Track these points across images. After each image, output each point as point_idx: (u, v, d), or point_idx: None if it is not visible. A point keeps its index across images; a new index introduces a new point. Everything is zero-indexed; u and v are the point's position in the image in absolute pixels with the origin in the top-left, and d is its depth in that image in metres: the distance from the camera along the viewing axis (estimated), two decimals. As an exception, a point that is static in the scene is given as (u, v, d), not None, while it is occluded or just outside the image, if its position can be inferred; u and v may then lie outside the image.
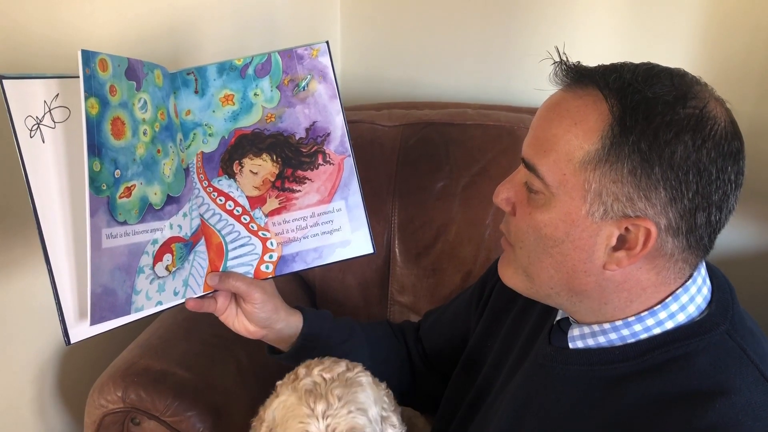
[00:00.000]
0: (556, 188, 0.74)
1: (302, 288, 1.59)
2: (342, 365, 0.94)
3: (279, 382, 0.96)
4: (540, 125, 0.77)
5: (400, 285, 1.55)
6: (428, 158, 1.53)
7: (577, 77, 0.76)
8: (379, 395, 0.94)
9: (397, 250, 1.53)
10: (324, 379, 0.91)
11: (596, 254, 0.75)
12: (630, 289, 0.76)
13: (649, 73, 0.72)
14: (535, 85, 1.68)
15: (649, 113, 0.69)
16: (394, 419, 0.95)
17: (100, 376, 1.20)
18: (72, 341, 0.87)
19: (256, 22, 1.68)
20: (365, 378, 0.93)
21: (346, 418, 0.86)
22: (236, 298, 1.03)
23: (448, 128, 1.54)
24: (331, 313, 1.14)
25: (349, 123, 1.56)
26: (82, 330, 0.87)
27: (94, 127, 0.82)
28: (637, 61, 0.76)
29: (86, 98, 0.81)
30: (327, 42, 1.05)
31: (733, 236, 1.57)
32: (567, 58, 0.77)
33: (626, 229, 0.73)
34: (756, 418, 0.70)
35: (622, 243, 0.74)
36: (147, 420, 1.19)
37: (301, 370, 0.94)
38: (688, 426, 0.70)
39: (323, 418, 0.86)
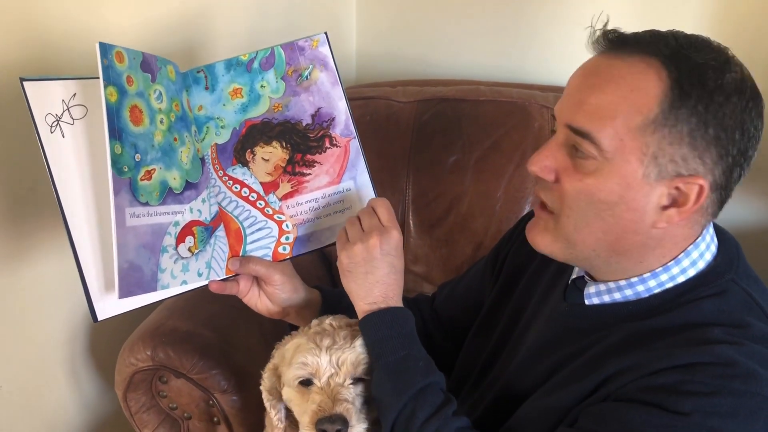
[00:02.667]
0: (612, 153, 0.77)
1: (321, 261, 1.64)
2: (351, 321, 1.01)
3: (287, 336, 1.03)
4: (590, 92, 0.78)
5: (413, 255, 1.59)
6: (442, 133, 1.57)
7: (623, 43, 0.78)
8: None
9: (411, 221, 1.58)
10: (332, 326, 0.97)
11: (647, 214, 0.78)
12: (665, 245, 0.81)
13: (689, 39, 0.77)
14: (547, 64, 1.74)
15: (702, 78, 0.74)
16: None
17: (130, 336, 1.26)
18: (99, 318, 0.94)
19: (273, 4, 1.72)
20: None
21: (351, 352, 0.92)
22: (257, 280, 1.08)
23: (461, 104, 1.58)
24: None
25: (365, 99, 1.62)
26: (108, 308, 0.94)
27: (113, 113, 0.87)
28: None
29: (105, 86, 0.86)
30: (326, 33, 1.10)
31: (739, 211, 1.61)
32: (609, 26, 0.80)
33: (676, 188, 0.77)
34: (765, 345, 0.75)
35: (672, 201, 0.78)
36: (174, 378, 1.26)
37: (314, 321, 1.01)
38: (695, 340, 0.75)
39: (327, 352, 0.91)
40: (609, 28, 0.80)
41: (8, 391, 1.29)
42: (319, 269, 1.61)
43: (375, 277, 0.94)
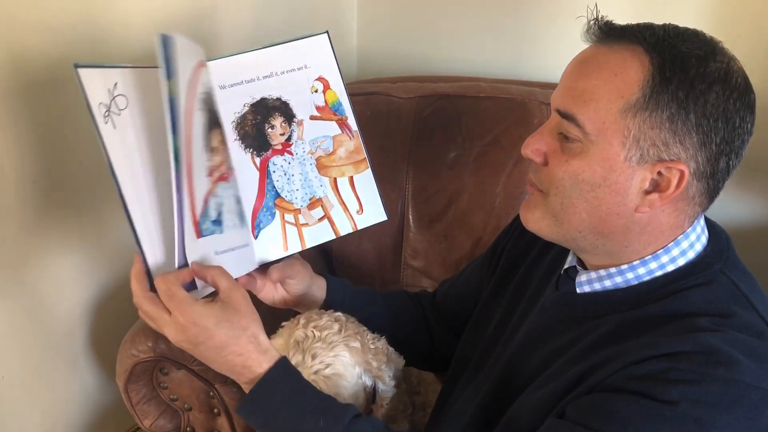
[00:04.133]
0: (595, 136, 0.79)
1: (320, 253, 1.65)
2: (335, 326, 1.03)
3: (284, 323, 1.06)
4: (577, 77, 0.82)
5: (413, 250, 1.61)
6: (442, 129, 1.58)
7: (612, 33, 0.81)
8: (364, 358, 1.02)
9: (410, 216, 1.59)
10: (313, 335, 0.99)
11: (629, 197, 0.80)
12: (651, 231, 0.83)
13: (678, 30, 0.79)
14: (546, 61, 1.75)
15: (684, 65, 0.76)
16: (385, 377, 1.04)
17: (132, 327, 1.27)
18: None
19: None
20: (352, 342, 1.01)
21: (308, 377, 0.94)
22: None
23: (461, 100, 1.59)
24: (349, 279, 1.21)
25: (366, 95, 1.63)
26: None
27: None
28: None
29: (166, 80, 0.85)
30: (327, 32, 1.11)
31: (734, 208, 1.62)
32: (601, 16, 0.82)
33: (659, 173, 0.79)
34: (755, 335, 0.76)
35: (654, 186, 0.80)
36: (175, 370, 1.27)
37: (302, 319, 1.04)
38: (681, 330, 0.77)
39: None
40: (601, 18, 0.82)
41: (9, 382, 1.31)
42: (318, 263, 1.62)
43: (214, 350, 0.87)
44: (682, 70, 0.76)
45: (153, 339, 1.23)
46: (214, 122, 0.95)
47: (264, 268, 1.07)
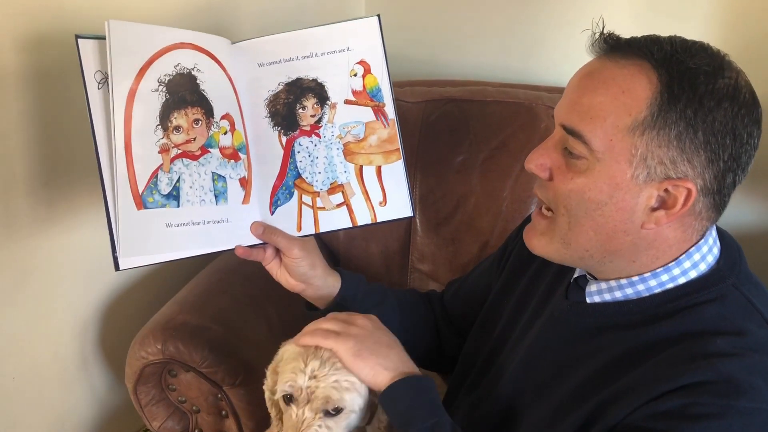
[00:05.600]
0: (601, 153, 0.78)
1: (327, 255, 1.64)
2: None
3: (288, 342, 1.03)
4: (583, 92, 0.80)
5: (420, 253, 1.61)
6: (449, 133, 1.58)
7: (618, 47, 0.80)
8: None
9: (418, 220, 1.60)
10: None
11: (636, 214, 0.79)
12: (658, 246, 0.81)
13: (685, 44, 0.78)
14: (554, 65, 1.75)
15: (693, 82, 0.75)
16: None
17: (141, 329, 1.28)
18: (121, 268, 0.96)
19: (283, 2, 1.75)
20: None
21: (325, 388, 0.91)
22: (278, 251, 1.08)
23: (468, 104, 1.60)
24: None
25: (374, 98, 1.63)
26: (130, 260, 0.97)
27: None
28: None
29: None
30: (378, 15, 1.12)
31: (741, 213, 1.62)
32: (607, 30, 0.81)
33: (665, 190, 0.78)
34: (765, 353, 0.75)
35: (660, 203, 0.79)
36: (184, 372, 1.28)
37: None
38: (696, 353, 0.75)
39: (309, 378, 0.91)
40: (607, 31, 0.81)
41: (20, 383, 1.32)
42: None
43: (387, 343, 0.93)
44: (690, 87, 0.74)
45: (162, 341, 1.23)
46: (183, 102, 0.98)
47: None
